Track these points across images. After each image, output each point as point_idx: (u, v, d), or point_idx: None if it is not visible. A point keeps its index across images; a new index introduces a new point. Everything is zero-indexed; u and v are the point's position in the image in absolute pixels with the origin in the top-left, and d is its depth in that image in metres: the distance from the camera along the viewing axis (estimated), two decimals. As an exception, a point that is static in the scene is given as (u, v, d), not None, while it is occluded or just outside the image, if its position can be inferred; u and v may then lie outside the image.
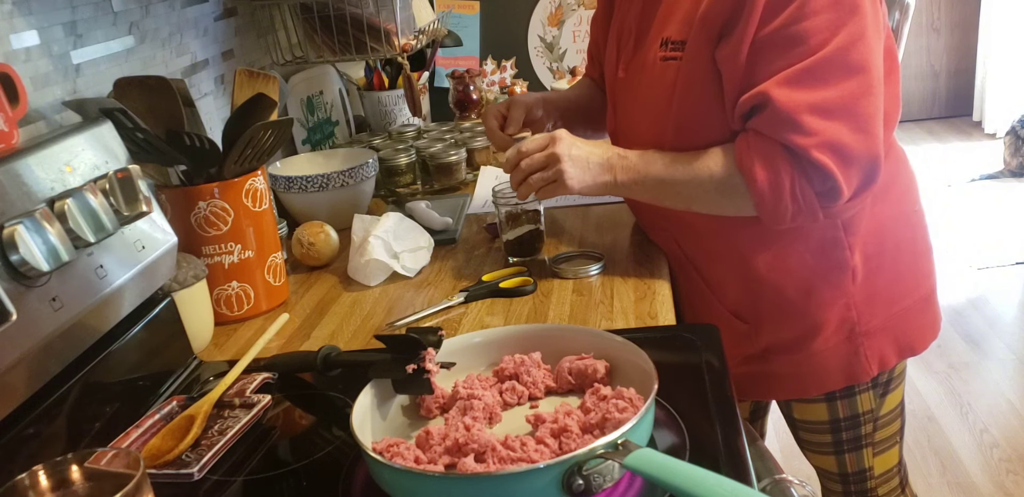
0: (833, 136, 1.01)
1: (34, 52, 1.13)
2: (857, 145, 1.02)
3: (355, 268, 1.39)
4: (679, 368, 1.03)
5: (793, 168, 1.04)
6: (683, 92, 1.13)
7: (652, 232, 1.34)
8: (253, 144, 1.23)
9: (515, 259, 1.42)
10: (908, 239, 1.23)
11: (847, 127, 1.02)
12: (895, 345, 1.23)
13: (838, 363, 1.22)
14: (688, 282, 1.29)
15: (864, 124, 1.02)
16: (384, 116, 2.14)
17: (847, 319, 1.20)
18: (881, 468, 1.34)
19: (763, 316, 1.23)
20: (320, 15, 1.78)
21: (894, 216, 1.21)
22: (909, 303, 1.23)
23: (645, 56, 1.18)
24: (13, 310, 0.83)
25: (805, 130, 1.01)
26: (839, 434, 1.30)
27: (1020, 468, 2.30)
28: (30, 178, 0.90)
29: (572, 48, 2.32)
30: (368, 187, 1.69)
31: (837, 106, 1.02)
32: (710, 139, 1.13)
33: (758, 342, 1.24)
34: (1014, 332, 3.01)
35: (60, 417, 0.91)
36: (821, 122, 1.01)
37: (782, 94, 1.02)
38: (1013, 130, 4.42)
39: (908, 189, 1.25)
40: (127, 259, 1.01)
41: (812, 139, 1.01)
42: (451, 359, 0.97)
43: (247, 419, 0.98)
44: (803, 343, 1.21)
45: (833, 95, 1.02)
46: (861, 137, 1.02)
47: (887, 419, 1.30)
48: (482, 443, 0.80)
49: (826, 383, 1.25)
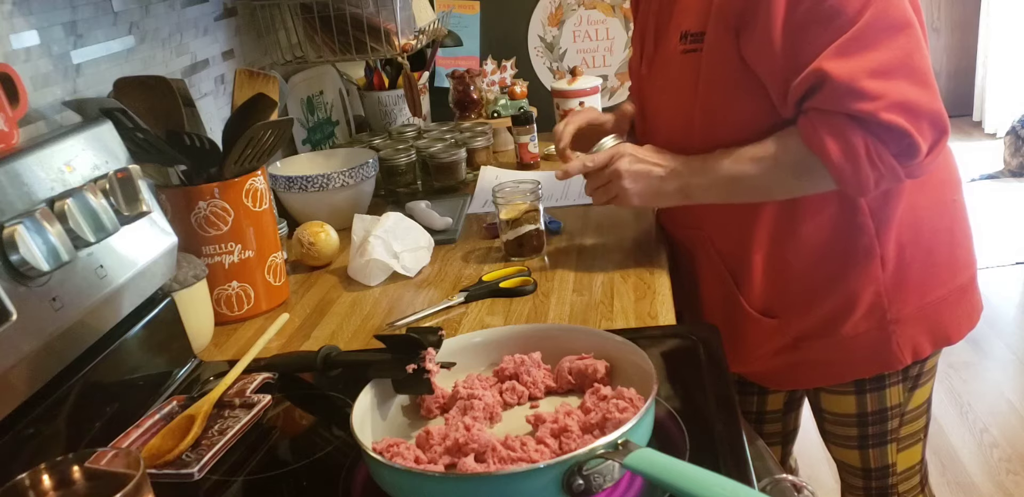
0: (898, 94, 1.03)
1: (34, 52, 1.13)
2: (922, 98, 1.04)
3: (355, 268, 1.39)
4: (679, 368, 1.03)
5: (865, 135, 1.05)
6: (706, 83, 1.14)
7: (684, 235, 1.33)
8: (253, 144, 1.23)
9: (515, 259, 1.42)
10: (945, 228, 1.22)
11: (909, 83, 1.03)
12: (929, 333, 1.23)
13: (869, 349, 1.22)
14: (718, 284, 1.28)
15: (923, 77, 1.04)
16: (384, 116, 2.14)
17: (877, 305, 1.19)
18: (904, 465, 1.34)
19: (792, 306, 1.23)
20: (320, 15, 1.78)
21: (931, 205, 1.20)
22: (944, 292, 1.22)
23: (666, 51, 1.19)
24: (13, 310, 0.83)
25: (869, 95, 1.03)
26: (865, 428, 1.30)
27: (1020, 468, 2.30)
28: (30, 178, 0.90)
29: (572, 48, 2.32)
30: (368, 187, 1.69)
31: (894, 65, 1.03)
32: (739, 128, 1.14)
33: (789, 332, 1.24)
34: (1014, 332, 3.01)
35: (60, 417, 0.91)
36: (883, 83, 1.02)
37: (836, 66, 1.03)
38: (1013, 130, 4.42)
39: (947, 179, 1.24)
40: (127, 259, 1.01)
41: (879, 103, 1.02)
42: (451, 359, 0.97)
43: (247, 419, 0.98)
44: (833, 327, 1.21)
45: (887, 56, 1.03)
46: (924, 90, 1.04)
47: (914, 414, 1.30)
48: (482, 443, 0.80)
49: (858, 369, 1.25)
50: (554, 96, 2.09)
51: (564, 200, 1.70)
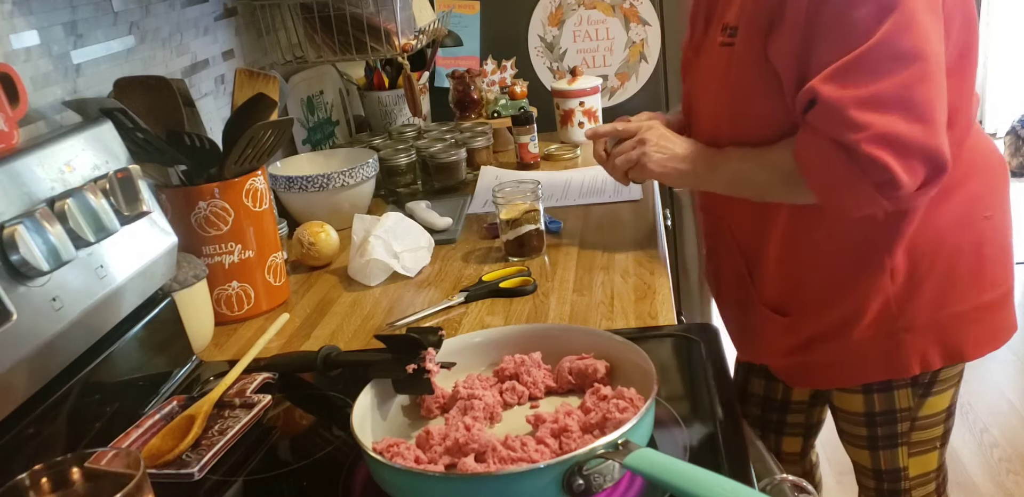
0: (885, 128, 0.99)
1: (34, 52, 1.13)
2: (915, 134, 0.99)
3: (355, 268, 1.39)
4: (679, 368, 1.04)
5: (847, 163, 1.02)
6: (735, 82, 1.14)
7: (711, 221, 1.34)
8: (253, 144, 1.23)
9: (515, 259, 1.42)
10: (971, 245, 1.18)
11: (902, 118, 0.99)
12: (941, 346, 1.20)
13: (878, 355, 1.21)
14: (735, 276, 1.29)
15: (921, 112, 1.00)
16: (384, 116, 2.14)
17: (886, 313, 1.18)
18: (917, 470, 1.32)
19: (805, 305, 1.22)
20: (320, 15, 1.79)
21: (956, 221, 1.17)
22: (963, 309, 1.19)
23: (709, 40, 1.19)
24: (13, 310, 0.83)
25: (855, 125, 1.00)
26: (874, 428, 1.29)
27: (1020, 468, 2.30)
28: (30, 178, 0.90)
29: (572, 48, 2.31)
30: (368, 187, 1.69)
31: (890, 97, 1.00)
32: (764, 130, 1.14)
33: (801, 332, 1.24)
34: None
35: (60, 417, 0.91)
36: (871, 115, 0.99)
37: (829, 90, 1.01)
38: (1013, 130, 4.42)
39: (980, 195, 1.19)
40: (127, 259, 1.01)
41: (862, 134, 0.99)
42: (451, 359, 0.97)
43: (247, 419, 0.98)
44: (843, 330, 1.20)
45: (884, 86, 0.99)
46: (919, 126, 0.99)
47: (927, 422, 1.28)
48: (482, 443, 0.80)
49: (866, 373, 1.24)
50: (554, 96, 2.09)
51: (564, 200, 1.70)
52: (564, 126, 2.10)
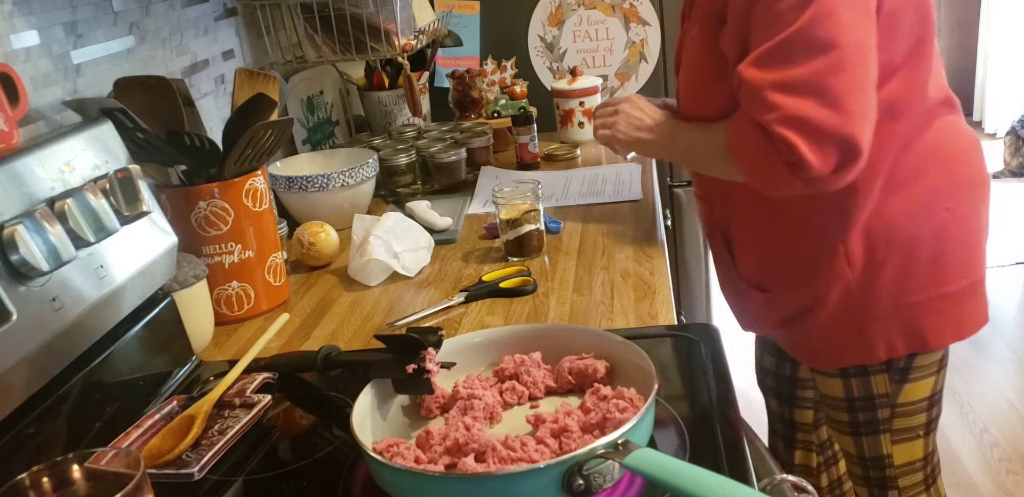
0: (797, 111, 1.04)
1: (34, 52, 1.13)
2: (826, 120, 1.04)
3: (355, 268, 1.39)
4: (679, 368, 1.04)
5: (765, 143, 1.08)
6: (687, 68, 1.25)
7: (700, 200, 1.41)
8: (253, 144, 1.23)
9: (515, 259, 1.42)
10: (929, 235, 1.21)
11: (815, 103, 1.04)
12: (904, 335, 1.23)
13: (845, 339, 1.25)
14: (720, 256, 1.37)
15: (834, 100, 1.04)
16: (384, 116, 2.14)
17: (848, 299, 1.22)
18: (901, 459, 1.34)
19: (777, 286, 1.28)
20: (320, 15, 1.79)
21: (910, 211, 1.20)
22: (923, 298, 1.22)
23: (685, 35, 1.28)
24: (13, 310, 0.83)
25: (769, 106, 1.06)
26: (856, 414, 1.32)
27: (1020, 468, 2.30)
28: (30, 178, 0.90)
29: (572, 48, 2.31)
30: (368, 187, 1.69)
31: (803, 83, 1.05)
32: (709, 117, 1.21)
33: (780, 310, 1.29)
34: (1014, 332, 3.01)
35: (60, 417, 0.91)
36: (785, 98, 1.05)
37: (751, 73, 1.08)
38: (1013, 130, 4.42)
39: (942, 186, 1.22)
40: (127, 259, 1.01)
41: (774, 114, 1.05)
42: (451, 359, 0.97)
43: (247, 419, 0.98)
44: (811, 314, 1.25)
45: (799, 72, 1.05)
46: (831, 112, 1.04)
47: (909, 409, 1.30)
48: (482, 443, 0.80)
49: (838, 358, 1.28)
50: (554, 96, 2.09)
51: (564, 200, 1.70)
52: (564, 126, 2.10)
